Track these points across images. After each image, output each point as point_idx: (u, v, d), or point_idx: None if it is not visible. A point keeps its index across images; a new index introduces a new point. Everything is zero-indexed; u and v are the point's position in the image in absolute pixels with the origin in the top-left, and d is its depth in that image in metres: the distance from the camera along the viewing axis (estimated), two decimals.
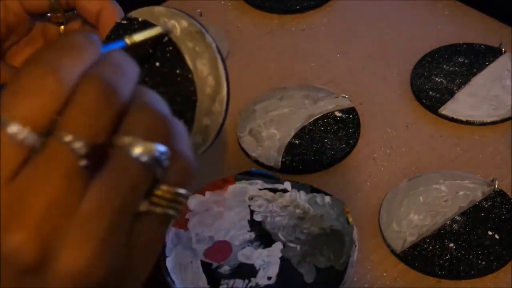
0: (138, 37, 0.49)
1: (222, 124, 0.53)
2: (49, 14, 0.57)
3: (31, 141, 0.30)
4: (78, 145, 0.30)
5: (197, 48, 0.51)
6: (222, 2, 0.90)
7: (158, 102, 0.32)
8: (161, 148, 0.31)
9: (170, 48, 0.52)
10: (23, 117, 0.29)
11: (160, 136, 0.31)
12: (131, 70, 0.33)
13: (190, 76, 0.51)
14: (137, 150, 0.31)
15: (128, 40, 0.46)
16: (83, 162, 0.30)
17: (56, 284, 0.29)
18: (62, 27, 0.57)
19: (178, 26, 0.52)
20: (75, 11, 0.56)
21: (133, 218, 0.31)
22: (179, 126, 0.33)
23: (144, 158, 0.31)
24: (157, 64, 0.52)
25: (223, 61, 0.52)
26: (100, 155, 0.31)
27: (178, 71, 0.52)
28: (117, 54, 0.33)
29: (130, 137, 0.31)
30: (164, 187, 0.32)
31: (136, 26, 0.52)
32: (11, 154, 0.29)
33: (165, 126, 0.32)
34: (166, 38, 0.52)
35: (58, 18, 0.57)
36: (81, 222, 0.29)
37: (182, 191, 0.32)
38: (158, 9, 0.51)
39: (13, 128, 0.29)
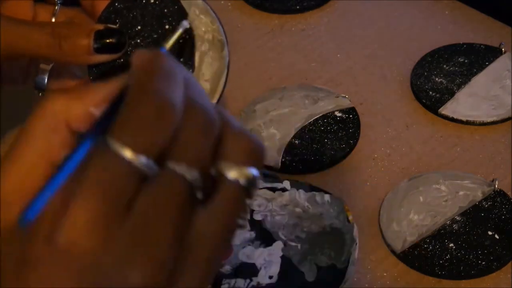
0: (170, 44, 0.50)
1: None
2: None
3: (146, 169, 0.29)
4: (193, 175, 0.30)
5: (211, 53, 0.52)
6: (222, 2, 0.90)
7: (246, 129, 0.33)
8: (256, 173, 0.32)
9: (187, 37, 0.53)
10: (139, 145, 0.29)
11: (256, 161, 0.32)
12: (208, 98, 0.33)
13: (190, 71, 0.52)
14: (237, 176, 0.31)
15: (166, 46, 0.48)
16: (199, 193, 0.30)
17: None
18: None
19: (206, 25, 0.53)
20: None
21: None
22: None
23: (244, 184, 0.31)
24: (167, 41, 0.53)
25: (227, 77, 0.53)
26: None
27: (181, 60, 0.52)
28: (193, 78, 0.33)
29: (230, 163, 0.31)
30: None
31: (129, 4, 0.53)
32: (128, 181, 0.29)
33: (259, 152, 0.33)
34: (187, 25, 0.53)
35: None
36: (196, 253, 0.30)
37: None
38: None
39: (129, 154, 0.29)
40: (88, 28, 0.52)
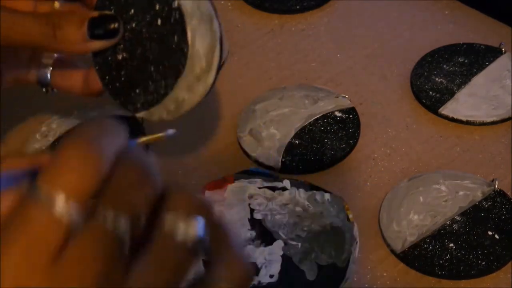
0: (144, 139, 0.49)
1: (197, 103, 0.54)
2: None
3: (75, 218, 0.29)
4: (122, 224, 0.29)
5: (202, 28, 0.52)
6: (222, 2, 0.90)
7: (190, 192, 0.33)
8: (201, 228, 0.31)
9: (177, 16, 0.52)
10: (68, 194, 0.29)
11: (204, 215, 0.32)
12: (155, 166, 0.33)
13: (185, 49, 0.52)
14: (179, 229, 0.31)
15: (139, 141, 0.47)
16: (127, 243, 0.30)
17: None
18: None
19: (193, 1, 0.52)
20: None
21: None
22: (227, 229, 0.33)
23: (187, 237, 0.31)
24: (159, 21, 0.52)
25: (221, 50, 0.53)
26: (138, 238, 0.31)
27: (175, 39, 0.52)
28: (141, 150, 0.33)
29: (170, 216, 0.31)
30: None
31: None
32: (57, 233, 0.29)
33: (203, 205, 0.32)
34: (175, 4, 0.52)
35: None
36: None
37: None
38: None
39: (60, 205, 0.29)
40: (82, 16, 0.52)
